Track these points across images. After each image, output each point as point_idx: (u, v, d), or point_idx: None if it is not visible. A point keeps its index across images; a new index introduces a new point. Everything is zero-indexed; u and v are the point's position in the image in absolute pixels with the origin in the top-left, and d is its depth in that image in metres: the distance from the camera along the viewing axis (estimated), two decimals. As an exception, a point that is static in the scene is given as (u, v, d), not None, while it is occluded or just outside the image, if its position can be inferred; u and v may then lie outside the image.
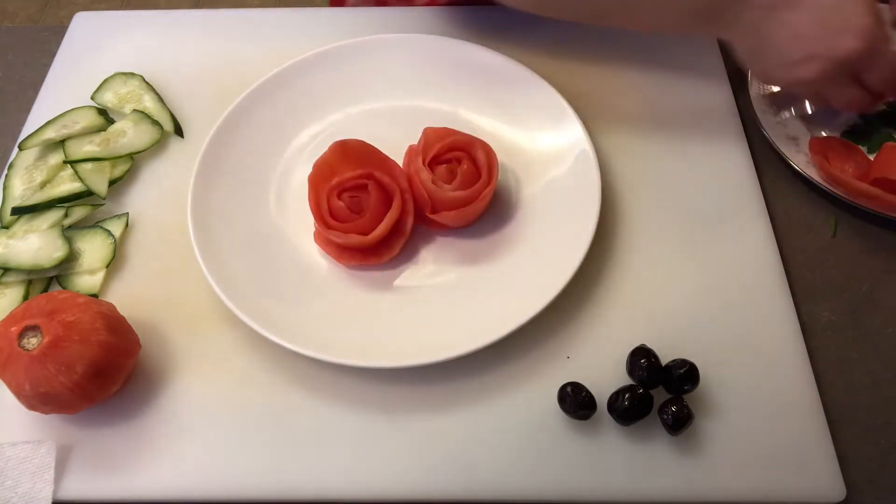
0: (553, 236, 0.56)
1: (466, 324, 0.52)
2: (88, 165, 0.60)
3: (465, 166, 0.55)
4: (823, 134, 0.64)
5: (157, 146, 0.64)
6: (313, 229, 0.57)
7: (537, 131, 0.62)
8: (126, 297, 0.55)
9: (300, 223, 0.58)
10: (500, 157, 0.57)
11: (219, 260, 0.54)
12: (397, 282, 0.55)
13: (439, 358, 0.49)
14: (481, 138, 0.57)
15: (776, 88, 0.66)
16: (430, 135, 0.57)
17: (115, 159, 0.62)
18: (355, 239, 0.54)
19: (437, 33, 0.67)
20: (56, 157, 0.62)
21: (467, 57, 0.65)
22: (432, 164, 0.56)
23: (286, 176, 0.61)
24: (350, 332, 0.52)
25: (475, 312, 0.53)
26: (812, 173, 0.60)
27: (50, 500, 0.47)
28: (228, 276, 0.54)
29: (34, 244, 0.56)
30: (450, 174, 0.55)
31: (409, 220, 0.56)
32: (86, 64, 0.70)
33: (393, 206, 0.55)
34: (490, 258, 0.56)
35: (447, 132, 0.57)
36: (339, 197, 0.55)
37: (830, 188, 0.59)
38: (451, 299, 0.54)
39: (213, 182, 0.59)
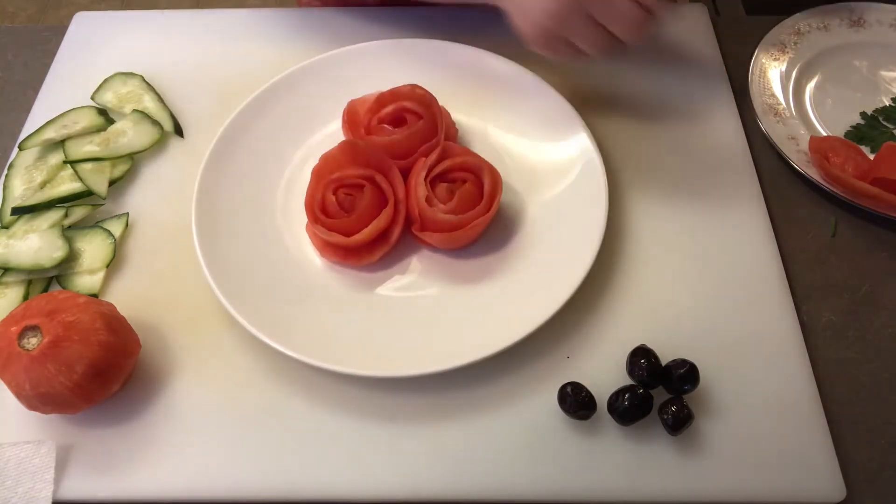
0: (553, 255, 0.55)
1: (467, 334, 0.52)
2: (88, 165, 0.60)
3: (467, 189, 0.54)
4: (823, 134, 0.64)
5: (157, 146, 0.64)
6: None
7: (544, 141, 0.61)
8: (126, 297, 0.55)
9: (304, 230, 0.58)
10: (504, 172, 0.57)
11: (221, 263, 0.54)
12: (400, 292, 0.55)
13: (438, 368, 0.49)
14: (485, 145, 0.56)
15: (776, 92, 0.66)
16: (446, 150, 0.56)
17: (115, 159, 0.62)
18: (337, 238, 0.54)
19: (437, 34, 0.67)
20: (56, 157, 0.62)
21: (475, 62, 0.65)
22: (435, 179, 0.55)
23: (293, 181, 0.61)
24: (350, 339, 0.52)
25: (477, 324, 0.53)
26: (812, 173, 0.60)
27: (50, 500, 0.47)
28: (230, 279, 0.54)
29: (34, 244, 0.56)
30: (449, 194, 0.55)
31: (397, 231, 0.55)
32: (86, 64, 0.70)
33: (382, 214, 0.54)
34: (489, 273, 0.55)
35: (463, 151, 0.56)
36: (334, 192, 0.55)
37: (830, 188, 0.59)
38: (454, 310, 0.54)
39: (218, 184, 0.58)
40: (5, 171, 0.62)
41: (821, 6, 0.70)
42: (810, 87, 0.67)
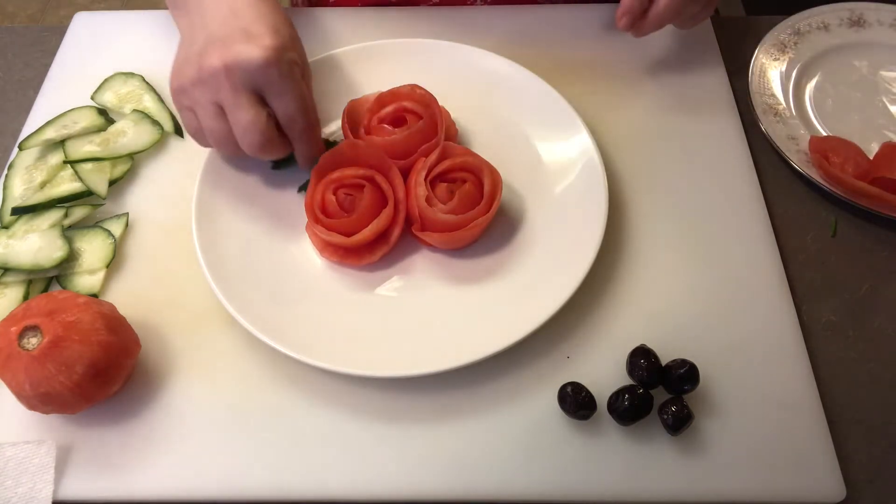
0: (553, 255, 0.55)
1: (467, 334, 0.52)
2: (88, 165, 0.60)
3: (467, 189, 0.54)
4: (823, 134, 0.64)
5: (157, 146, 0.64)
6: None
7: (544, 141, 0.61)
8: (126, 297, 0.55)
9: (304, 230, 0.58)
10: (505, 172, 0.57)
11: (221, 263, 0.54)
12: (400, 292, 0.55)
13: (438, 368, 0.49)
14: (485, 145, 0.56)
15: (776, 92, 0.66)
16: (446, 150, 0.56)
17: (115, 159, 0.62)
18: (337, 238, 0.54)
19: (437, 34, 0.67)
20: (56, 157, 0.62)
21: (475, 62, 0.65)
22: (435, 180, 0.55)
23: (293, 181, 0.61)
24: (350, 339, 0.52)
25: (477, 324, 0.53)
26: (812, 173, 0.60)
27: (50, 500, 0.47)
28: (230, 279, 0.54)
29: (34, 244, 0.56)
30: (449, 194, 0.55)
31: (397, 231, 0.55)
32: (86, 64, 0.70)
33: (382, 214, 0.54)
34: (489, 273, 0.55)
35: (463, 151, 0.56)
36: (334, 192, 0.55)
37: (830, 188, 0.59)
38: (454, 310, 0.54)
39: (218, 184, 0.58)
40: (5, 171, 0.62)
41: (821, 6, 0.70)
42: (810, 87, 0.67)
